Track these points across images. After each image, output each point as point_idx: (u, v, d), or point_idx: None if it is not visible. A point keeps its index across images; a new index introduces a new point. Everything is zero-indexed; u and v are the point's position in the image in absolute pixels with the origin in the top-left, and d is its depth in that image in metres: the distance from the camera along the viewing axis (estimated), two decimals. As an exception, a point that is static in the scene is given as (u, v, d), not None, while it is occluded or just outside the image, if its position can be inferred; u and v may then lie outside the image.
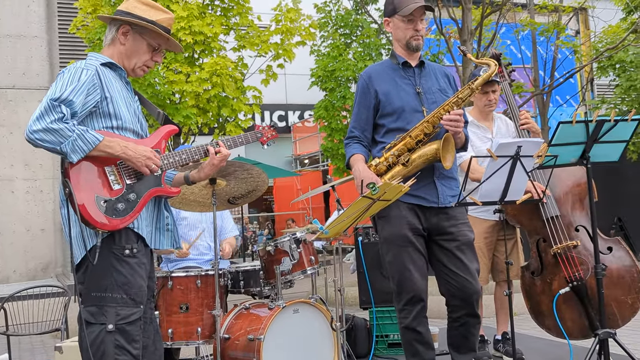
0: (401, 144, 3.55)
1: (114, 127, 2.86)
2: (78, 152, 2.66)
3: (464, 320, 3.65)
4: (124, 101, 2.93)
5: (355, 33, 13.33)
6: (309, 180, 18.54)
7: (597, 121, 3.67)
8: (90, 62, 2.87)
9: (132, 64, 3.02)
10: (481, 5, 10.62)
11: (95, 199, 2.73)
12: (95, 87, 2.79)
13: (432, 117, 3.53)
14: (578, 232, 4.26)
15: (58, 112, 2.63)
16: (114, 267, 2.78)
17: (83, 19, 9.71)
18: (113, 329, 2.74)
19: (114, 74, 2.95)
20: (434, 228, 3.63)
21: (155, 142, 3.00)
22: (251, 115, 10.12)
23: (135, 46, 3.00)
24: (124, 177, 2.84)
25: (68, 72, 2.80)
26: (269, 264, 4.32)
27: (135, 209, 2.83)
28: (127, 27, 2.98)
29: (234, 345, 4.08)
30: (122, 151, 2.77)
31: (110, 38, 3.02)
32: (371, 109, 3.71)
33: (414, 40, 3.66)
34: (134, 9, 3.00)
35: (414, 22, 3.64)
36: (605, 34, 13.80)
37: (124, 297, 2.78)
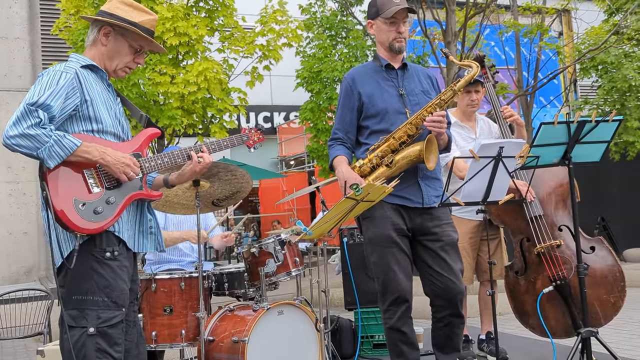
0: (385, 145, 3.56)
1: (94, 130, 2.83)
2: (55, 158, 2.64)
3: (448, 320, 3.66)
4: (105, 104, 2.90)
5: (341, 35, 13.34)
6: (295, 182, 18.53)
7: (578, 122, 3.70)
8: (69, 65, 2.84)
9: (114, 66, 2.99)
10: (465, 7, 10.67)
11: (74, 202, 2.71)
12: (74, 90, 2.76)
13: (415, 119, 3.54)
14: (561, 232, 4.30)
15: (35, 117, 2.60)
16: (95, 270, 2.76)
17: (66, 21, 9.65)
18: (94, 332, 2.72)
19: (95, 77, 2.93)
20: (418, 228, 3.64)
21: (136, 145, 2.97)
22: (236, 116, 10.10)
23: (117, 47, 2.97)
24: (104, 180, 2.82)
25: (47, 75, 2.76)
26: (253, 266, 4.31)
27: (115, 212, 2.80)
28: (108, 29, 2.95)
29: (219, 347, 4.06)
30: (100, 157, 2.75)
31: (92, 39, 2.99)
32: (355, 110, 3.72)
33: (397, 43, 3.67)
34: (116, 10, 2.97)
35: (396, 25, 3.64)
36: (588, 36, 13.91)
37: (106, 300, 2.76)
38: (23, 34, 13.96)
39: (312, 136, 13.11)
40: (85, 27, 8.84)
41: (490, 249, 4.16)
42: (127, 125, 3.07)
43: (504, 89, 12.48)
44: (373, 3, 3.72)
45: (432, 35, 11.18)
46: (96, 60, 2.97)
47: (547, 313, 4.23)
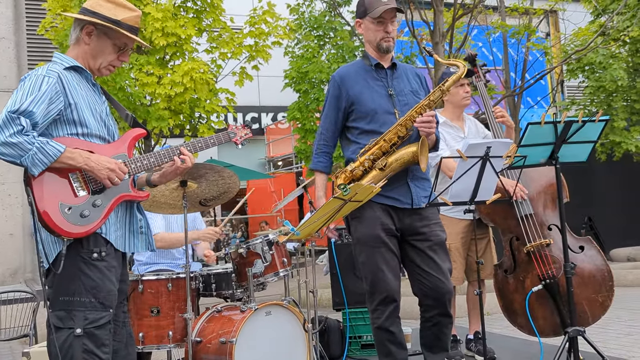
0: (375, 147, 3.55)
1: (79, 133, 2.81)
2: (39, 165, 2.62)
3: (437, 320, 3.66)
4: (89, 107, 2.86)
5: (329, 35, 13.33)
6: (283, 183, 18.50)
7: (565, 122, 3.71)
8: (52, 68, 2.80)
9: (98, 64, 2.96)
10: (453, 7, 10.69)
11: (60, 206, 2.69)
12: (57, 94, 2.72)
13: (405, 120, 3.54)
14: (551, 231, 4.31)
15: (17, 125, 2.57)
16: (82, 271, 2.75)
17: (52, 20, 9.58)
18: (81, 333, 2.71)
19: (79, 78, 2.90)
20: (406, 228, 3.63)
21: (122, 146, 2.95)
22: (224, 116, 10.07)
23: (100, 46, 2.94)
24: (90, 183, 2.80)
25: (29, 80, 2.72)
26: (241, 267, 4.30)
27: (102, 215, 2.79)
28: (91, 27, 2.92)
29: (206, 348, 4.04)
30: (84, 162, 2.73)
31: (75, 37, 2.95)
32: (341, 111, 3.71)
33: (385, 42, 3.66)
34: (98, 7, 2.92)
35: (384, 24, 3.64)
36: (575, 37, 13.98)
37: (93, 301, 2.74)
38: (8, 34, 13.86)
39: (300, 137, 13.09)
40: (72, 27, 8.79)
41: (480, 249, 4.16)
42: (113, 125, 3.03)
43: (492, 90, 12.52)
44: (361, 2, 3.71)
45: (419, 35, 11.20)
46: (80, 60, 2.93)
47: (536, 312, 4.24)
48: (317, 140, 3.83)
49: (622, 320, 6.48)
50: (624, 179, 14.01)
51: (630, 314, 6.87)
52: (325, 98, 3.82)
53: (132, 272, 4.88)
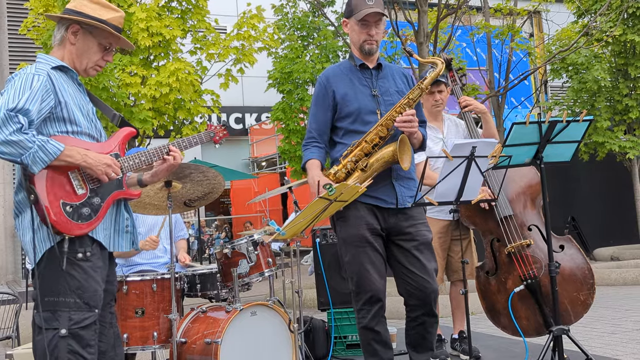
0: (357, 149, 3.55)
1: (70, 131, 2.81)
2: (39, 164, 2.62)
3: (422, 320, 3.66)
4: (78, 105, 2.87)
5: (312, 35, 13.34)
6: (267, 183, 18.50)
7: (549, 122, 3.74)
8: (40, 67, 2.80)
9: (84, 65, 2.96)
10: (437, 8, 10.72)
11: (61, 204, 2.71)
12: (48, 92, 2.73)
13: (385, 120, 3.54)
14: (531, 232, 4.33)
15: (16, 123, 2.57)
16: (67, 271, 2.73)
17: (34, 20, 9.51)
18: (66, 333, 2.70)
19: (65, 77, 2.90)
20: (392, 228, 3.63)
21: (114, 145, 2.97)
22: (208, 117, 10.04)
23: (86, 46, 2.94)
24: (87, 182, 2.82)
25: (19, 79, 2.72)
26: (226, 267, 4.29)
27: (99, 212, 2.82)
28: (76, 27, 2.92)
29: (191, 349, 4.03)
30: (82, 159, 2.74)
31: (60, 38, 2.95)
32: (329, 110, 3.70)
33: (367, 45, 3.66)
34: (83, 8, 2.92)
35: (368, 27, 3.64)
36: (558, 37, 14.08)
37: (78, 302, 2.73)
38: (-11, 34, 13.73)
39: (284, 137, 13.09)
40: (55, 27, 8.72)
41: (462, 249, 4.18)
42: (100, 125, 3.04)
43: (476, 90, 12.58)
44: (349, 2, 3.72)
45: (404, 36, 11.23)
46: (65, 60, 2.93)
47: (519, 312, 4.26)
48: (304, 141, 3.82)
49: (606, 319, 6.53)
50: (607, 179, 14.14)
51: (614, 312, 6.93)
52: (312, 98, 3.82)
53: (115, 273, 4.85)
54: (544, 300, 4.16)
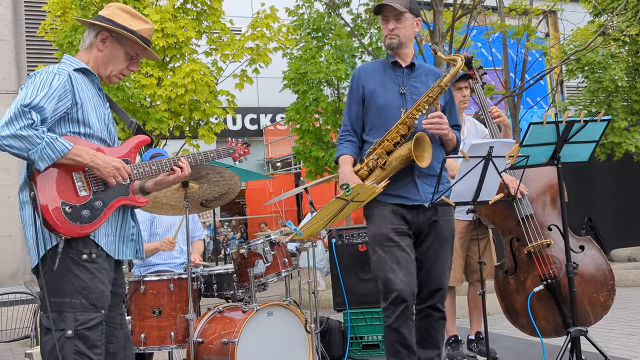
0: (379, 148, 3.58)
1: (82, 133, 2.81)
2: (46, 160, 2.62)
3: (427, 313, 3.70)
4: (94, 109, 2.88)
5: (327, 36, 13.34)
6: (282, 183, 18.50)
7: (567, 122, 3.71)
8: (63, 67, 2.82)
9: (108, 72, 2.98)
10: (452, 8, 10.70)
11: (61, 204, 2.69)
12: (66, 92, 2.74)
13: (406, 118, 3.55)
14: (551, 231, 4.30)
15: (28, 119, 2.58)
16: (72, 271, 2.73)
17: (52, 22, 9.58)
18: (72, 334, 2.68)
19: (86, 80, 2.91)
20: (419, 225, 3.65)
21: (125, 151, 2.96)
22: (223, 118, 10.07)
23: (113, 54, 2.97)
24: (92, 184, 2.80)
25: (40, 76, 2.74)
26: (242, 267, 4.30)
27: (100, 217, 2.79)
28: (106, 34, 2.94)
29: (208, 349, 4.04)
30: (91, 160, 2.73)
31: (89, 43, 2.97)
32: (360, 104, 3.77)
33: (388, 39, 3.70)
34: (115, 16, 2.96)
35: (387, 22, 3.68)
36: (574, 37, 13.99)
37: (83, 302, 2.72)
38: (7, 36, 13.87)
39: (299, 138, 13.10)
40: (72, 29, 8.78)
41: (480, 249, 4.16)
42: (114, 130, 3.04)
43: (491, 90, 12.52)
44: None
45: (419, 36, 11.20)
46: (90, 65, 2.95)
47: (537, 312, 4.23)
48: (339, 134, 3.89)
49: (624, 320, 6.48)
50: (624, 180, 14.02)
51: (632, 314, 6.87)
52: (347, 93, 3.89)
53: (133, 273, 4.89)
54: (564, 300, 4.12)
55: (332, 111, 12.60)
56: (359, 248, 5.42)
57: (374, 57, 12.59)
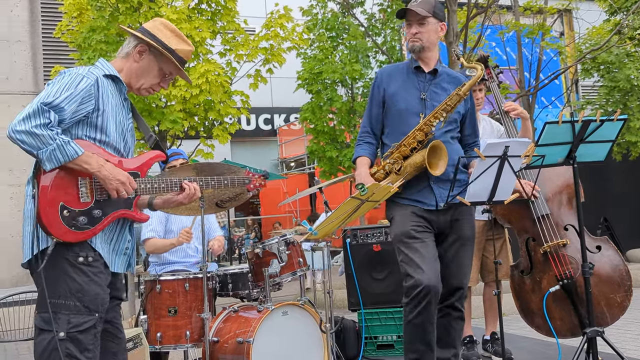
0: (396, 152, 3.62)
1: (97, 139, 2.81)
2: (53, 162, 2.62)
3: (446, 311, 3.73)
4: (115, 117, 2.87)
5: (342, 36, 13.34)
6: (296, 183, 18.53)
7: (583, 121, 3.69)
8: (93, 71, 2.82)
9: (139, 84, 2.99)
10: (466, 7, 10.66)
11: (60, 207, 2.69)
12: (90, 97, 2.74)
13: (423, 125, 3.58)
14: (567, 231, 4.28)
15: (45, 118, 2.59)
16: (67, 273, 2.72)
17: (68, 23, 9.64)
18: (64, 336, 2.67)
19: (113, 88, 2.91)
20: (443, 225, 3.69)
21: (137, 164, 2.95)
22: (237, 118, 10.09)
23: (148, 67, 2.98)
24: (95, 193, 2.79)
25: (68, 76, 2.75)
26: (257, 267, 4.31)
27: (96, 226, 2.78)
28: (144, 47, 2.95)
29: (223, 348, 4.06)
30: (98, 169, 2.72)
31: (126, 52, 2.98)
32: (380, 106, 3.81)
33: (410, 43, 3.74)
34: (157, 32, 2.97)
35: (410, 26, 3.72)
36: (590, 36, 13.89)
37: (77, 305, 2.70)
38: (24, 37, 13.98)
39: (313, 137, 13.10)
40: (89, 31, 8.83)
41: (495, 249, 4.15)
42: (131, 142, 3.03)
43: (506, 90, 12.47)
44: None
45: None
46: (123, 73, 2.95)
47: (553, 312, 4.22)
48: (358, 135, 3.93)
49: (640, 321, 6.44)
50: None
51: (648, 314, 6.81)
52: (369, 94, 3.92)
53: (149, 272, 4.91)
54: (580, 301, 4.10)
55: (347, 111, 12.60)
56: (374, 248, 5.42)
57: (388, 56, 12.58)
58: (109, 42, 8.83)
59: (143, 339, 4.12)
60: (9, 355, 7.11)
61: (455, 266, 3.68)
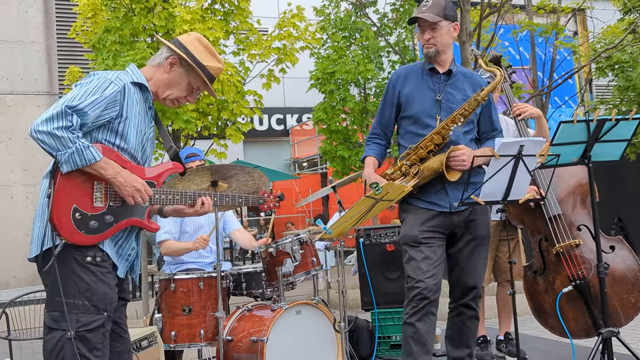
0: (413, 154, 3.63)
1: (116, 144, 2.83)
2: (70, 165, 2.65)
3: (460, 310, 3.75)
4: (136, 125, 2.88)
5: (354, 36, 13.35)
6: (308, 183, 18.54)
7: (598, 120, 3.68)
8: (121, 77, 2.83)
9: (166, 94, 3.01)
10: (479, 6, 10.64)
11: (72, 208, 2.71)
12: (115, 103, 2.76)
13: (440, 129, 3.59)
14: (580, 232, 4.27)
15: (67, 121, 2.62)
16: (76, 273, 2.74)
17: (82, 24, 9.70)
18: (73, 335, 2.70)
19: (139, 95, 2.92)
20: (454, 226, 3.69)
21: (154, 174, 2.96)
22: (250, 118, 10.12)
23: (177, 80, 3.00)
24: (110, 198, 2.81)
25: (97, 80, 2.77)
26: (271, 266, 4.33)
27: (106, 231, 2.80)
28: (176, 60, 2.98)
29: (237, 347, 4.08)
30: (114, 176, 2.75)
31: (158, 62, 3.01)
32: (393, 108, 3.81)
33: (425, 49, 3.75)
34: (191, 46, 3.00)
35: (422, 32, 3.73)
36: (604, 35, 13.82)
37: (86, 304, 2.73)
38: (39, 38, 14.07)
39: (326, 138, 13.11)
40: (104, 32, 8.87)
41: (509, 249, 4.15)
42: (150, 150, 3.05)
43: (519, 89, 12.42)
44: None
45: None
46: (151, 82, 2.97)
47: (567, 313, 4.20)
48: (368, 134, 3.95)
49: (655, 321, 6.39)
50: (654, 179, 13.79)
51: (663, 315, 6.76)
52: (383, 94, 3.92)
53: (163, 271, 4.94)
54: (593, 301, 4.09)
55: (359, 111, 12.60)
56: (387, 248, 5.42)
57: (401, 56, 12.57)
58: (123, 42, 8.87)
59: (158, 338, 4.15)
60: (24, 354, 7.17)
61: (470, 265, 3.69)
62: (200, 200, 3.12)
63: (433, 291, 3.55)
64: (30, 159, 13.32)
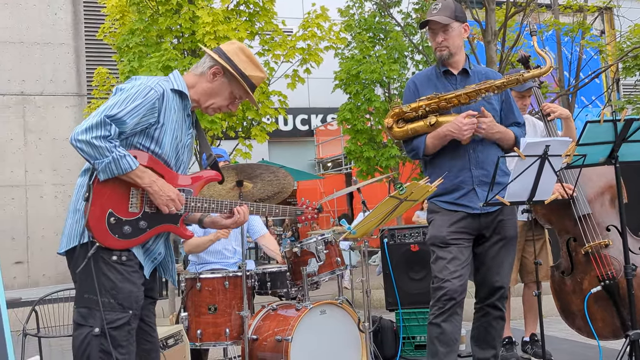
0: (434, 101, 3.61)
1: (150, 149, 2.85)
2: (107, 173, 2.69)
3: (486, 311, 3.74)
4: (172, 132, 2.90)
5: (379, 36, 13.34)
6: (333, 183, 18.56)
7: (625, 120, 3.64)
8: (161, 84, 2.85)
9: (208, 103, 3.02)
10: (505, 5, 10.57)
11: (108, 213, 2.76)
12: (153, 110, 2.79)
13: (472, 91, 3.58)
14: (609, 232, 4.22)
15: (106, 130, 2.65)
16: (102, 271, 2.77)
17: (110, 25, 9.81)
18: (99, 332, 2.73)
19: (178, 103, 2.93)
20: (483, 228, 3.68)
21: (191, 181, 2.99)
22: (275, 118, 10.16)
23: (220, 89, 3.00)
24: (145, 204, 2.85)
25: (137, 87, 2.78)
26: (295, 265, 4.35)
27: (139, 237, 2.83)
28: (219, 69, 2.98)
29: (262, 346, 4.10)
30: (149, 184, 2.78)
31: (200, 71, 3.01)
32: None
33: (437, 52, 3.73)
34: (234, 56, 3.00)
35: (434, 35, 3.71)
36: (632, 33, 13.65)
37: (112, 302, 2.76)
38: (68, 40, 14.27)
39: (350, 138, 13.11)
40: (130, 33, 8.96)
41: (535, 250, 4.12)
42: (187, 158, 3.07)
43: (545, 89, 12.32)
44: None
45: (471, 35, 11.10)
46: (193, 90, 2.98)
47: (595, 314, 4.16)
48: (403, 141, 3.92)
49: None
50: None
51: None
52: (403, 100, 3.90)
53: (188, 271, 4.99)
54: (622, 302, 4.04)
55: (384, 111, 12.60)
56: (411, 248, 5.42)
57: (425, 55, 12.53)
58: (148, 44, 8.95)
59: (184, 336, 4.19)
60: (53, 351, 7.27)
61: (497, 265, 3.68)
62: (235, 211, 3.11)
63: (459, 292, 3.55)
64: (60, 159, 13.50)
